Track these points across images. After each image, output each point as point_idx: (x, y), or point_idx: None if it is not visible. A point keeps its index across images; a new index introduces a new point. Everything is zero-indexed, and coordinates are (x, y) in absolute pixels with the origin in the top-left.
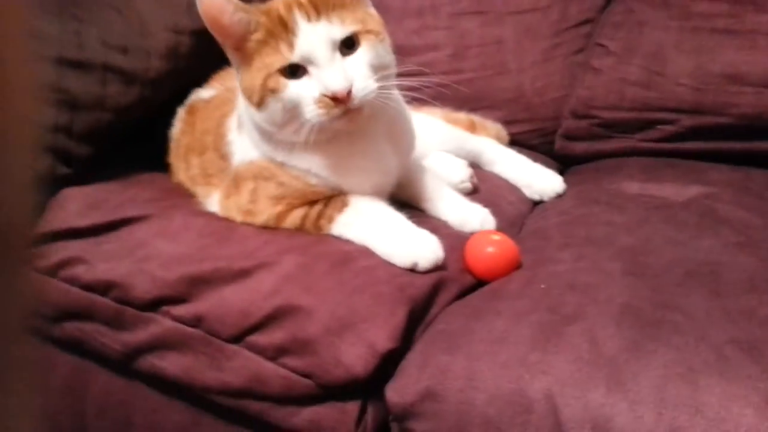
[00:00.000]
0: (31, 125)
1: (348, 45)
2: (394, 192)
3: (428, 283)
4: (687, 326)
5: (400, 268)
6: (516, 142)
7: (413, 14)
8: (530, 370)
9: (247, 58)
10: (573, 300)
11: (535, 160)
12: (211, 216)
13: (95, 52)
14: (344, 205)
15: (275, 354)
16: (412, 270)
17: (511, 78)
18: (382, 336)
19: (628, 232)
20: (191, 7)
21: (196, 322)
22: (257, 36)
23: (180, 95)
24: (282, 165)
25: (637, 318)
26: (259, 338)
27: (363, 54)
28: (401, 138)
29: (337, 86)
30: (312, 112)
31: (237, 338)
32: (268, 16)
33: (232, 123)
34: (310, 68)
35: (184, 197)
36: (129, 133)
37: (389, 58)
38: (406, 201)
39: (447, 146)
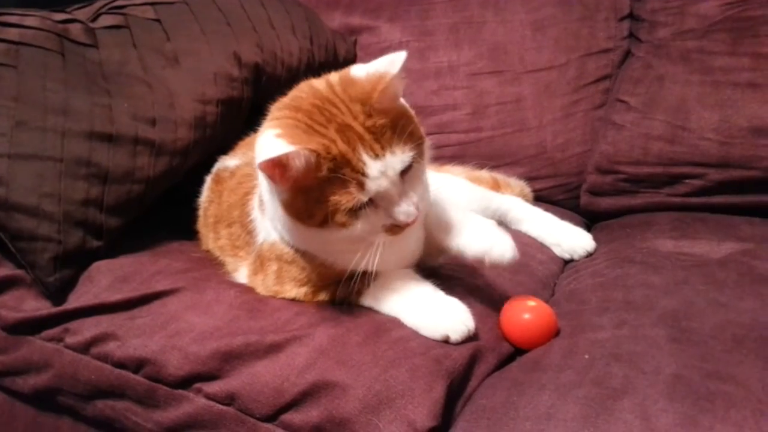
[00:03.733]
0: None
1: (407, 166)
2: None
3: (465, 354)
4: (743, 398)
5: None
6: (540, 198)
7: (431, 75)
8: None
9: (301, 189)
10: (619, 371)
11: (561, 216)
12: (242, 287)
13: (125, 125)
14: (371, 280)
15: None
16: (445, 342)
17: (531, 135)
18: (421, 413)
19: (668, 294)
20: (217, 77)
21: (229, 400)
22: (319, 174)
23: (207, 161)
24: (304, 252)
25: (688, 390)
26: (295, 417)
27: (418, 170)
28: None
29: (410, 219)
30: (380, 237)
31: (271, 417)
32: (328, 152)
33: (254, 201)
34: (379, 200)
35: (214, 267)
36: (157, 200)
37: (426, 166)
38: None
39: (472, 206)
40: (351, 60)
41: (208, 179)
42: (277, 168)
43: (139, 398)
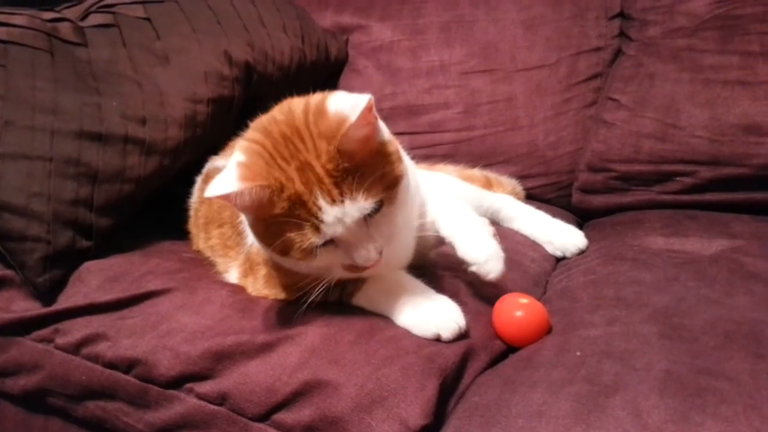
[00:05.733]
0: None
1: (373, 210)
2: None
3: (457, 352)
4: (734, 394)
5: None
6: (532, 197)
7: (423, 74)
8: None
9: (260, 218)
10: (611, 368)
11: (553, 214)
12: (233, 287)
13: (115, 124)
14: (362, 281)
15: None
16: (437, 340)
17: (523, 133)
18: (414, 411)
19: (659, 291)
20: (208, 76)
21: (220, 399)
22: (273, 211)
23: (198, 161)
24: None
25: (679, 386)
26: (287, 416)
27: (387, 214)
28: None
29: (369, 263)
30: (339, 273)
31: (263, 416)
32: (282, 191)
33: None
34: (338, 242)
35: (205, 267)
36: (147, 200)
37: (409, 191)
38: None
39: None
40: (343, 59)
41: (199, 180)
42: (227, 200)
43: (130, 399)
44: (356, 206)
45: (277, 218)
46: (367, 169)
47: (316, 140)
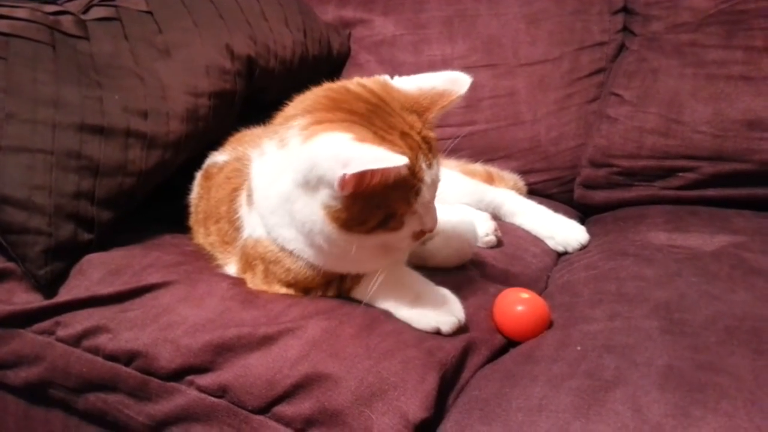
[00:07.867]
0: None
1: None
2: None
3: (458, 346)
4: (734, 390)
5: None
6: (534, 192)
7: (426, 69)
8: None
9: (362, 195)
10: (612, 363)
11: (555, 209)
12: (234, 279)
13: (117, 117)
14: (361, 274)
15: (303, 426)
16: (437, 333)
17: (525, 128)
18: (414, 405)
19: (661, 286)
20: (209, 69)
21: (221, 392)
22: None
23: (199, 156)
24: (291, 252)
25: (680, 381)
26: (287, 409)
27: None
28: None
29: (435, 224)
30: (407, 243)
31: (263, 409)
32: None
33: (242, 197)
34: (420, 207)
35: (206, 260)
36: (149, 195)
37: None
38: None
39: (466, 199)
40: (345, 54)
41: (198, 175)
42: (367, 177)
43: (131, 391)
44: (439, 168)
45: (386, 189)
46: (435, 137)
47: (402, 113)
